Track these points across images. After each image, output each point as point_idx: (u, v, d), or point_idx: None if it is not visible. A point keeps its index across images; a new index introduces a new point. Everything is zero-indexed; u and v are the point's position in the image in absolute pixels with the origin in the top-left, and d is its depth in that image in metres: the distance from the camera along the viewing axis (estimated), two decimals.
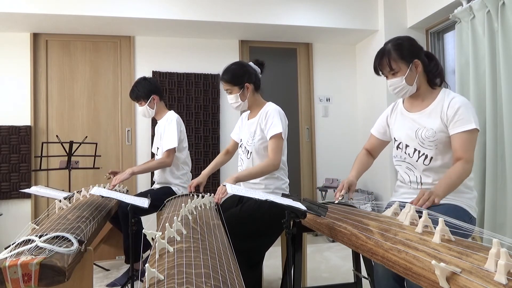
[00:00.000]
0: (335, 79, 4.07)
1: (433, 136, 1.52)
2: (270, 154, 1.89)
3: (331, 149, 4.03)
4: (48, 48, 3.55)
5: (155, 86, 2.59)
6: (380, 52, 1.60)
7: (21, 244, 1.16)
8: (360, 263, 1.72)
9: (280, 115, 1.95)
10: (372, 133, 1.85)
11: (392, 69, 1.56)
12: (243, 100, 2.01)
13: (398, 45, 1.56)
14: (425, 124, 1.55)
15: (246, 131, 2.08)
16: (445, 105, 1.51)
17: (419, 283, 0.83)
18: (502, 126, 2.53)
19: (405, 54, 1.55)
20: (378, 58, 1.60)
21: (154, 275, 0.83)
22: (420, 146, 1.56)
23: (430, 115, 1.56)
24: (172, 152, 2.45)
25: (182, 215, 1.42)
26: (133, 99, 2.60)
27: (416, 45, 1.60)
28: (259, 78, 2.07)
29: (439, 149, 1.52)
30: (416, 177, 1.59)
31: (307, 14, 3.52)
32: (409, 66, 1.54)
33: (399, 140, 1.66)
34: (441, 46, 3.47)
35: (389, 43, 1.59)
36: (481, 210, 2.63)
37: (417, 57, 1.56)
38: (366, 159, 1.84)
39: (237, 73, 1.99)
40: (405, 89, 1.57)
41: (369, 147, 1.86)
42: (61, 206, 1.80)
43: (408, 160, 1.61)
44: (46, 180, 3.51)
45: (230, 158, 2.37)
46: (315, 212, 1.31)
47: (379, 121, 1.83)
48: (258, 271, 1.88)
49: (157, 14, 3.23)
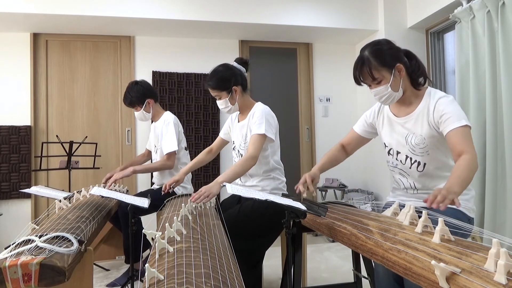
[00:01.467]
0: (335, 79, 4.07)
1: (423, 143, 1.48)
2: (249, 147, 1.84)
3: None
4: (48, 48, 3.55)
5: (148, 89, 2.52)
6: (358, 61, 1.49)
7: (21, 244, 1.16)
8: (360, 263, 1.72)
9: (267, 116, 1.91)
10: (354, 129, 1.79)
11: (375, 79, 1.47)
12: (233, 103, 1.98)
13: (376, 51, 1.46)
14: (414, 130, 1.51)
15: (238, 134, 2.06)
16: (431, 108, 1.46)
17: (419, 283, 0.83)
18: (502, 126, 2.53)
19: (386, 60, 1.45)
20: (358, 68, 1.49)
21: (154, 275, 0.83)
22: (411, 153, 1.52)
23: (417, 119, 1.50)
24: (172, 155, 2.45)
25: (182, 215, 1.42)
26: (127, 105, 2.53)
27: (394, 47, 1.50)
28: (245, 78, 2.02)
29: (430, 155, 1.49)
30: (410, 183, 1.56)
31: (307, 14, 3.52)
32: (392, 72, 1.46)
33: (389, 146, 1.62)
34: (441, 46, 3.47)
35: (365, 50, 1.49)
36: (481, 210, 2.63)
37: (398, 61, 1.47)
38: (337, 154, 1.78)
39: (223, 77, 1.93)
40: (391, 96, 1.49)
41: (345, 143, 1.81)
42: (61, 206, 1.80)
43: (401, 167, 1.58)
44: (46, 180, 3.51)
45: (213, 157, 2.28)
46: (315, 212, 1.31)
47: (363, 119, 1.76)
48: (258, 271, 1.88)
49: (157, 14, 3.23)
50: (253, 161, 1.82)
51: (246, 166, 1.81)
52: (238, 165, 1.79)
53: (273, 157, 1.98)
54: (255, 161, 1.84)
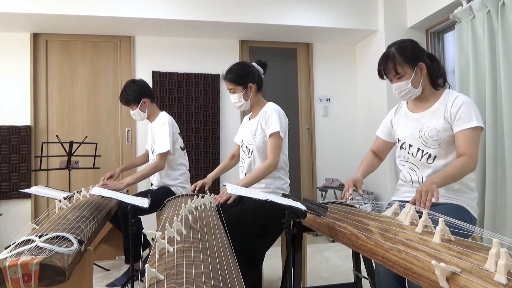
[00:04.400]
0: (335, 79, 4.07)
1: (437, 135, 1.53)
2: (269, 154, 1.91)
3: (331, 149, 4.03)
4: (48, 48, 3.55)
5: (144, 89, 2.54)
6: (384, 56, 1.60)
7: (21, 244, 1.16)
8: (360, 263, 1.72)
9: (279, 114, 1.97)
10: (378, 135, 1.88)
11: (398, 73, 1.57)
12: (246, 100, 2.03)
13: (402, 49, 1.56)
14: (429, 124, 1.57)
15: (248, 131, 2.10)
16: (449, 104, 1.53)
17: (419, 283, 0.83)
18: (502, 126, 2.53)
19: (409, 58, 1.55)
20: (383, 63, 1.60)
21: (154, 275, 0.83)
22: (423, 145, 1.57)
23: (433, 114, 1.57)
24: (165, 155, 2.45)
25: (182, 215, 1.42)
26: (123, 103, 2.56)
27: (419, 47, 1.60)
28: (262, 78, 2.09)
29: (442, 148, 1.53)
30: (418, 176, 1.60)
31: (307, 14, 3.52)
32: (414, 70, 1.55)
33: (402, 140, 1.68)
34: (441, 46, 3.47)
35: (392, 47, 1.59)
36: (481, 210, 2.63)
37: (421, 60, 1.57)
38: (372, 160, 1.85)
39: (241, 73, 2.00)
40: (410, 92, 1.58)
41: (375, 149, 1.88)
42: (61, 206, 1.80)
43: (411, 160, 1.62)
44: (46, 180, 3.51)
45: (237, 162, 2.35)
46: (315, 212, 1.31)
47: (384, 123, 1.85)
48: (258, 271, 1.88)
49: (157, 14, 3.23)
50: (273, 168, 1.91)
51: (267, 172, 1.90)
52: (258, 172, 1.88)
53: (281, 156, 2.00)
54: (275, 168, 1.92)
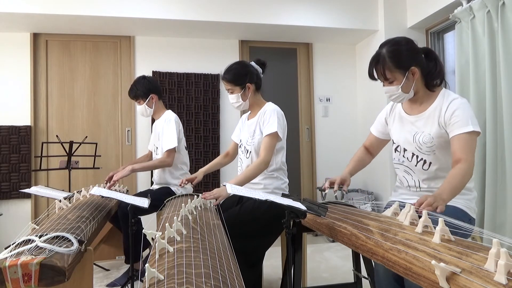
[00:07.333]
0: (335, 79, 4.06)
1: (430, 142, 1.49)
2: (261, 152, 1.89)
3: (331, 149, 4.03)
4: (48, 48, 3.55)
5: (154, 86, 2.58)
6: (374, 58, 1.52)
7: (21, 244, 1.16)
8: (360, 263, 1.72)
9: (278, 114, 1.95)
10: (371, 131, 1.83)
11: (387, 79, 1.50)
12: (244, 100, 2.02)
13: (394, 52, 1.47)
14: (423, 129, 1.52)
15: (246, 131, 2.09)
16: (443, 108, 1.47)
17: (419, 283, 0.83)
18: (502, 127, 2.53)
19: (401, 62, 1.47)
20: (373, 64, 1.52)
21: (154, 275, 0.83)
22: (418, 151, 1.54)
23: (428, 119, 1.52)
24: (172, 152, 2.45)
25: (182, 215, 1.42)
26: (132, 97, 2.60)
27: (413, 48, 1.50)
28: (261, 78, 2.08)
29: (437, 154, 1.49)
30: (415, 181, 1.57)
31: (307, 14, 3.52)
32: (405, 75, 1.47)
33: (397, 143, 1.64)
34: (441, 46, 3.47)
35: (384, 47, 1.50)
36: (481, 211, 2.63)
37: (415, 62, 1.48)
38: (364, 156, 1.82)
39: (239, 73, 1.99)
40: (401, 97, 1.52)
41: (368, 145, 1.85)
42: (61, 206, 1.80)
43: (407, 164, 1.59)
44: (46, 180, 3.51)
45: (231, 160, 2.33)
46: (315, 212, 1.31)
47: (378, 120, 1.80)
48: (258, 271, 1.88)
49: (157, 14, 3.23)
50: (265, 166, 1.87)
51: (258, 171, 1.86)
52: (250, 170, 1.85)
53: (279, 157, 2.00)
54: (267, 166, 1.89)
